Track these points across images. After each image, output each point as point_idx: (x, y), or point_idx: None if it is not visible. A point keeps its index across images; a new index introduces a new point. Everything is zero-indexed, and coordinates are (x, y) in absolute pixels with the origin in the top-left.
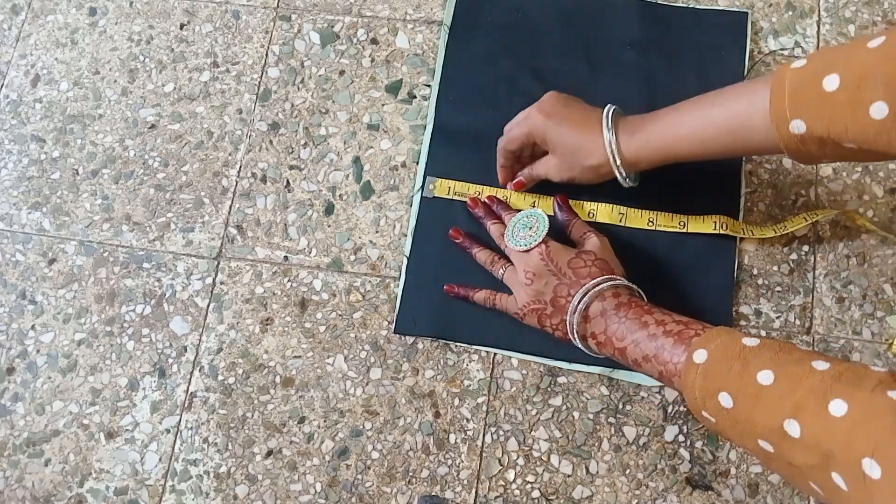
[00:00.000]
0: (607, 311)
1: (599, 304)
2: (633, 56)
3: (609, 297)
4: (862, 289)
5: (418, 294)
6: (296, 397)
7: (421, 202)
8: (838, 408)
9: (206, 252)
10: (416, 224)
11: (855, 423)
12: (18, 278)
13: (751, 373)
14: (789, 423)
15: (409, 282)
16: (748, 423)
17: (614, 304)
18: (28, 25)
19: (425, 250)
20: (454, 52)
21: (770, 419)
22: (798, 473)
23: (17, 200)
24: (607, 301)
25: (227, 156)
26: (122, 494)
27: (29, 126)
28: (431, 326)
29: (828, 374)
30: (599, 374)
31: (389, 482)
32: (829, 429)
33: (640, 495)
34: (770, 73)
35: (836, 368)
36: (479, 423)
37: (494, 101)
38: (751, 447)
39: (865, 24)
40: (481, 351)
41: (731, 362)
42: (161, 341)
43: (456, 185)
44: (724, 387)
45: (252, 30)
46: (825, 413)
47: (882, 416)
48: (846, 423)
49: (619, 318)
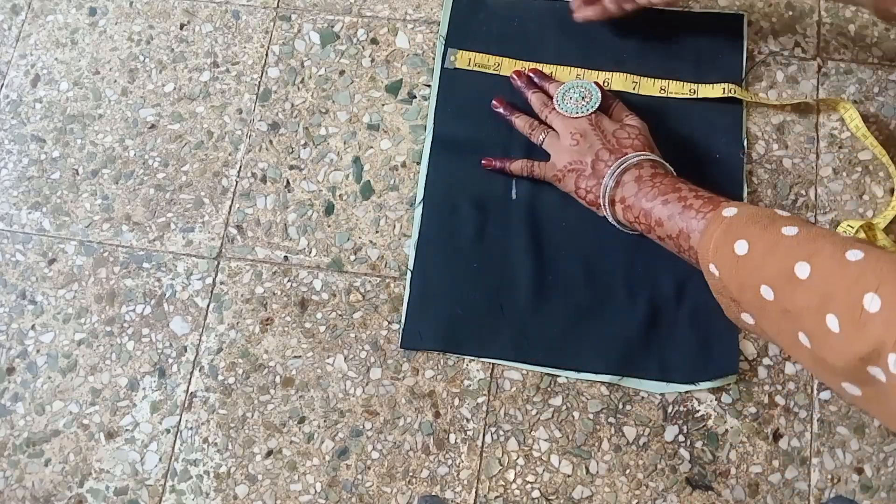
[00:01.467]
0: (642, 177)
1: (636, 170)
2: (630, 61)
3: (646, 166)
4: None
5: (423, 308)
6: (296, 397)
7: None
8: (854, 255)
9: (206, 252)
10: (419, 237)
11: (867, 263)
12: (18, 278)
13: (776, 226)
14: (801, 265)
15: (413, 295)
16: (756, 268)
17: (650, 173)
18: (28, 25)
19: (430, 258)
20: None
21: (782, 262)
22: (790, 322)
23: (17, 200)
24: (644, 170)
25: (227, 156)
26: (122, 494)
27: (29, 126)
28: (437, 340)
29: (851, 237)
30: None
31: (389, 482)
32: (839, 270)
33: (640, 495)
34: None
35: (869, 256)
36: (479, 423)
37: (494, 111)
38: (747, 299)
39: (865, 24)
40: None
41: (760, 218)
42: (161, 341)
43: (476, 57)
44: (744, 235)
45: (252, 30)
46: (840, 257)
47: (894, 259)
48: (858, 266)
49: (652, 183)
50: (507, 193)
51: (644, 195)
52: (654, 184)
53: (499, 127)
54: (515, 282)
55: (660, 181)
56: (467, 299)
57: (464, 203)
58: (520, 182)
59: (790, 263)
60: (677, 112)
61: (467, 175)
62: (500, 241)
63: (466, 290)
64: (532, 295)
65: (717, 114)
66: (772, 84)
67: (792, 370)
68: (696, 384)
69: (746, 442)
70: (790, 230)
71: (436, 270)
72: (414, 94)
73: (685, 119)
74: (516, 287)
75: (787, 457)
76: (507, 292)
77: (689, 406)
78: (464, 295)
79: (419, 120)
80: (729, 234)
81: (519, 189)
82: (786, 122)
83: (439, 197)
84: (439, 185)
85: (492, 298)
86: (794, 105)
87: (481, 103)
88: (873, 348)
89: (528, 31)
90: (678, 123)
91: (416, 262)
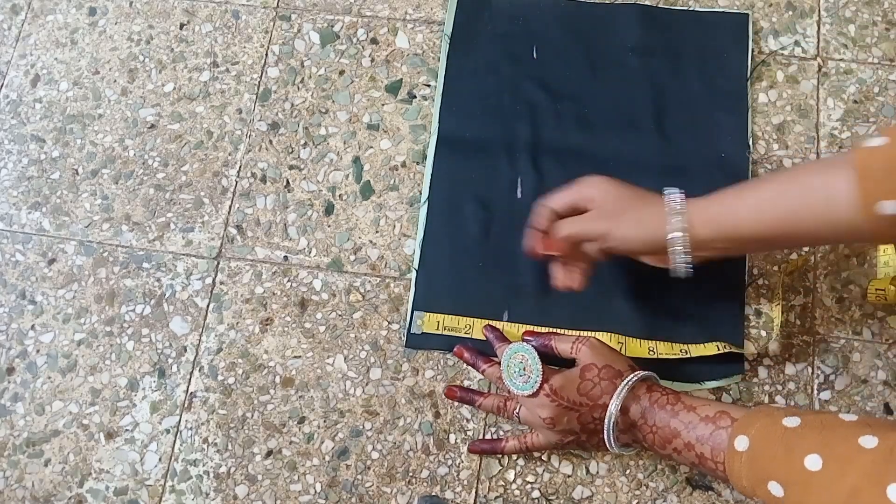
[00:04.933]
0: (640, 399)
1: (637, 406)
2: (635, 61)
3: (642, 393)
4: (862, 289)
5: (428, 307)
6: (296, 397)
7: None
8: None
9: (206, 252)
10: (424, 236)
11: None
12: (18, 278)
13: (797, 458)
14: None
15: (418, 295)
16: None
17: (648, 400)
18: (28, 25)
19: (435, 257)
20: (456, 62)
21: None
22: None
23: (17, 200)
24: (641, 396)
25: (227, 156)
26: (122, 494)
27: (29, 126)
28: (442, 341)
29: (879, 454)
30: None
31: (389, 482)
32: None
33: (640, 495)
34: (846, 153)
35: (885, 444)
36: (479, 424)
37: (498, 110)
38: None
39: (865, 24)
40: None
41: (775, 448)
42: (161, 341)
43: (445, 319)
44: (772, 475)
45: (252, 30)
46: (883, 498)
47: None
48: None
49: (654, 412)
50: (512, 193)
51: (656, 430)
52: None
53: (500, 126)
54: (521, 282)
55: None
56: (473, 300)
57: (469, 203)
58: (525, 181)
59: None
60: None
61: (472, 174)
62: (506, 240)
63: (472, 291)
64: (538, 296)
65: (724, 114)
66: (772, 84)
67: (792, 370)
68: (702, 384)
69: None
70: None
71: (441, 269)
72: (414, 94)
73: (692, 116)
74: (522, 288)
75: None
76: (513, 293)
77: None
78: (469, 296)
79: (419, 120)
80: (755, 471)
81: (524, 188)
82: (786, 123)
83: (444, 196)
84: (444, 184)
85: (498, 299)
86: (795, 105)
87: (486, 100)
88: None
89: (534, 31)
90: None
91: (421, 260)
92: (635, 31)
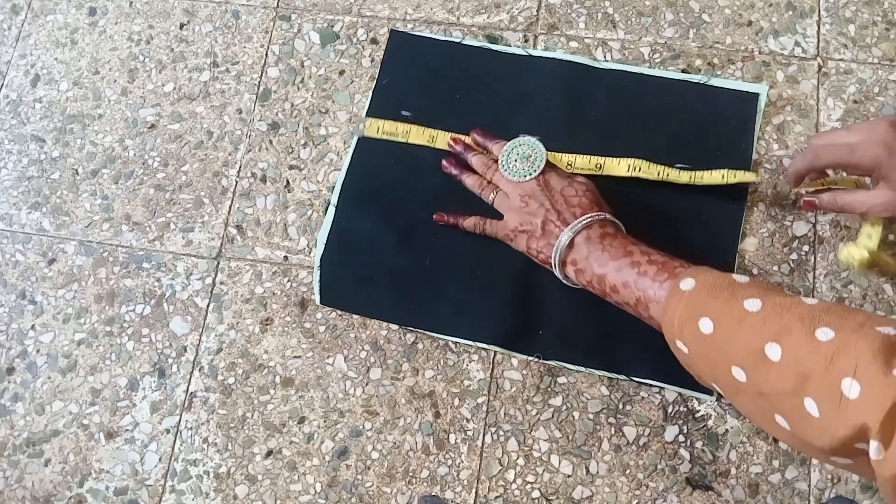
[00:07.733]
0: (592, 239)
1: (585, 232)
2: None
3: (595, 226)
4: (862, 289)
5: (339, 266)
6: (296, 397)
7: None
8: (825, 334)
9: (206, 252)
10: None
11: (840, 346)
12: (18, 278)
13: (738, 300)
14: (771, 346)
15: (328, 251)
16: (725, 348)
17: (599, 234)
18: (28, 25)
19: (348, 225)
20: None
21: (751, 342)
22: (766, 404)
23: (17, 200)
24: (593, 230)
25: (227, 156)
26: (122, 494)
27: (29, 126)
28: (354, 302)
29: (817, 307)
30: (599, 375)
31: (389, 482)
32: (812, 351)
33: (640, 495)
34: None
35: (825, 304)
36: (479, 423)
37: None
38: (720, 377)
39: (865, 24)
40: (481, 351)
41: (719, 291)
42: (161, 341)
43: (385, 125)
44: (707, 312)
45: (252, 30)
46: (811, 337)
47: (867, 339)
48: (831, 347)
49: (602, 245)
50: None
51: (595, 259)
52: (605, 246)
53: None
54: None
55: (609, 243)
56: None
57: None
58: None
59: (759, 344)
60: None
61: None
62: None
63: (384, 254)
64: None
65: (730, 109)
66: (772, 84)
67: None
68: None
69: (746, 442)
70: (753, 304)
71: (355, 233)
72: None
73: (695, 111)
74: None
75: (787, 457)
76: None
77: (690, 406)
78: (380, 257)
79: None
80: (691, 311)
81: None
82: (786, 122)
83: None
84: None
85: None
86: (794, 105)
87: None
88: (857, 431)
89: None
90: (688, 115)
91: (335, 218)
92: (621, 96)
